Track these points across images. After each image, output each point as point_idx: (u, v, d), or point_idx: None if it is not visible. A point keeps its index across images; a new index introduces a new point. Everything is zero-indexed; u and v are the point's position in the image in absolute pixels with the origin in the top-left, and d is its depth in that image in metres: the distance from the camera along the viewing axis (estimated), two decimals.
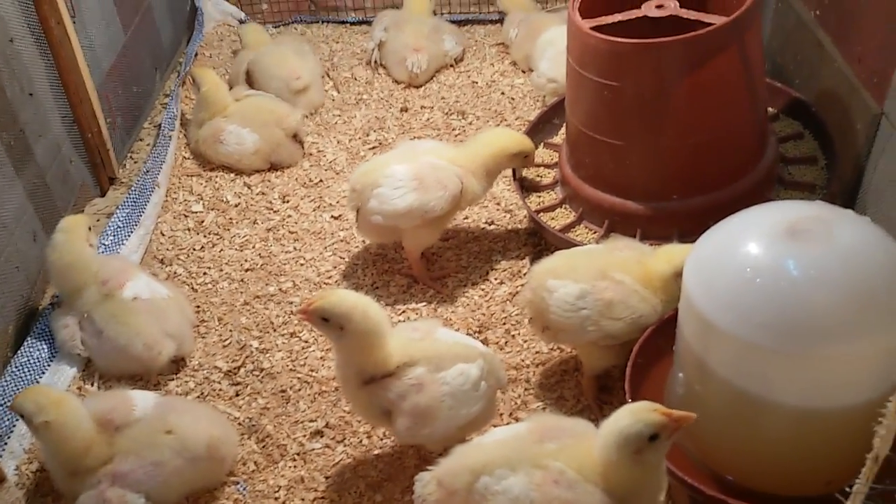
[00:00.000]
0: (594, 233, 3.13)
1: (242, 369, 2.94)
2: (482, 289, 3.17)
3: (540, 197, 3.35)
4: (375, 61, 4.55)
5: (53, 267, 2.92)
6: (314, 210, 3.65)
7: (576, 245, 2.91)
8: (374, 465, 2.60)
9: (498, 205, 3.55)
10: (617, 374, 2.71)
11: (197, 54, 4.66)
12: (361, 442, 2.67)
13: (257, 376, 2.91)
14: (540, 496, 1.94)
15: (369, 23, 4.86)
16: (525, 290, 2.66)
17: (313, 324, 2.30)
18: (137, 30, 4.24)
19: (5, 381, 2.78)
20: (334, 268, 3.34)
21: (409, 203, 2.98)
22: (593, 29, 2.88)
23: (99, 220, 3.56)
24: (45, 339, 2.96)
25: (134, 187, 3.59)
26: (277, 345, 3.03)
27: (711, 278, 2.09)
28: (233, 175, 3.88)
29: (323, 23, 5.08)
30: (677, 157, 2.91)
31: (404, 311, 3.11)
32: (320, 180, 3.82)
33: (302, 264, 3.37)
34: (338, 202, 3.66)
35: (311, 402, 2.81)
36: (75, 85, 3.50)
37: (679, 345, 2.28)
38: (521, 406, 2.73)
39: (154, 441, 2.40)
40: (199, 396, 2.86)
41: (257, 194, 3.76)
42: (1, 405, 2.70)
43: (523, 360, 2.87)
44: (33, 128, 3.21)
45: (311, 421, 2.74)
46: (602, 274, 2.51)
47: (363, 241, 3.42)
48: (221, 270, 3.37)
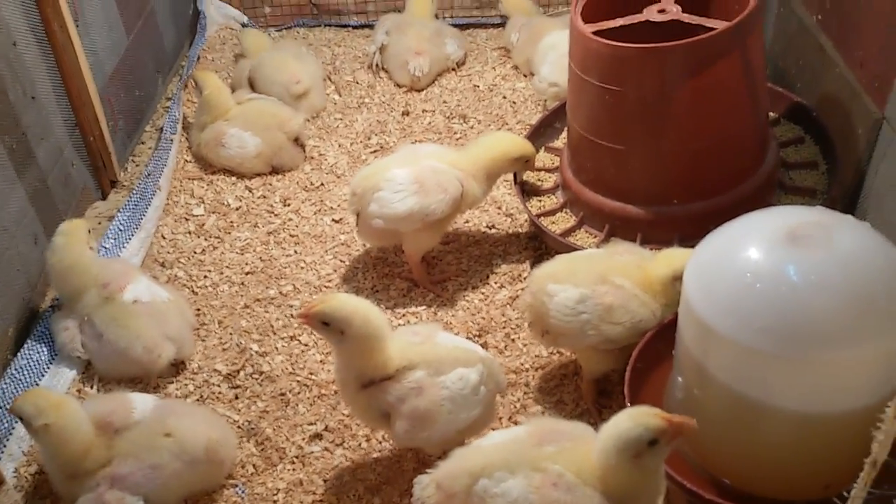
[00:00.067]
0: (595, 237, 3.13)
1: (242, 372, 2.94)
2: (482, 292, 3.17)
3: (541, 201, 3.35)
4: (377, 65, 4.56)
5: (54, 270, 2.92)
6: (315, 213, 3.65)
7: (576, 249, 2.91)
8: (373, 468, 2.60)
9: (499, 209, 3.55)
10: (616, 378, 2.71)
11: (199, 58, 4.67)
12: (360, 445, 2.67)
13: (257, 379, 2.91)
14: (539, 499, 1.94)
15: (371, 26, 4.87)
16: (525, 295, 2.66)
17: (314, 327, 2.30)
18: (140, 33, 4.25)
19: (5, 384, 2.78)
20: (335, 271, 3.34)
21: (410, 206, 2.98)
22: (595, 33, 2.88)
23: (100, 223, 3.57)
24: (45, 341, 2.96)
25: (135, 190, 3.59)
26: (277, 348, 3.03)
27: (711, 283, 2.09)
28: (234, 178, 3.88)
29: (325, 26, 5.09)
30: (678, 161, 2.91)
31: (404, 315, 3.11)
32: (321, 184, 3.82)
33: (302, 268, 3.37)
34: (339, 206, 3.66)
35: (311, 405, 2.81)
36: (78, 88, 3.50)
37: (678, 349, 2.28)
38: (520, 410, 2.73)
39: (153, 444, 2.40)
40: (198, 399, 2.86)
41: (258, 198, 3.77)
42: (0, 407, 2.70)
43: (523, 364, 2.87)
44: (35, 131, 3.22)
45: (310, 424, 2.74)
46: (602, 278, 2.51)
47: (364, 245, 3.42)
48: (222, 274, 3.37)
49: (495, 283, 3.21)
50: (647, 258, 2.59)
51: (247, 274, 3.36)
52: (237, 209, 3.71)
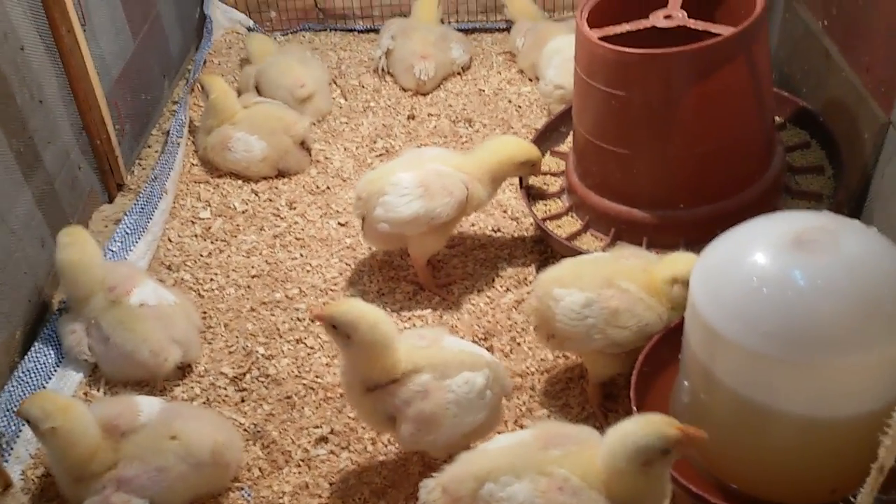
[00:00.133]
0: (601, 241, 3.13)
1: (248, 375, 2.95)
2: (488, 296, 3.17)
3: (546, 205, 3.35)
4: (383, 69, 4.57)
5: (63, 272, 2.93)
6: (321, 217, 3.66)
7: (582, 253, 2.91)
8: (379, 471, 2.60)
9: (504, 212, 3.55)
10: (622, 381, 2.70)
11: (205, 62, 4.68)
12: (366, 448, 2.67)
13: (263, 382, 2.92)
14: (544, 503, 1.94)
15: (377, 31, 4.87)
16: (531, 299, 2.66)
17: (325, 329, 2.32)
18: (146, 37, 4.26)
19: (12, 386, 2.79)
20: (340, 274, 3.35)
21: (415, 210, 2.98)
22: (601, 39, 2.88)
23: (107, 226, 3.58)
24: (52, 344, 2.97)
25: (142, 194, 3.60)
26: (283, 351, 3.03)
27: (718, 287, 2.09)
28: (240, 182, 3.89)
29: (331, 31, 5.09)
30: (684, 166, 2.91)
31: (410, 318, 3.11)
32: (327, 187, 3.83)
33: (308, 271, 3.38)
34: (344, 209, 3.67)
35: (316, 408, 2.81)
36: (85, 92, 3.51)
37: (685, 353, 2.28)
38: (525, 413, 2.73)
39: (159, 447, 2.40)
40: (204, 402, 2.86)
41: (264, 201, 3.78)
42: (8, 410, 2.71)
43: (528, 368, 2.87)
44: (42, 135, 3.23)
45: (316, 427, 2.75)
46: (608, 282, 2.51)
47: (369, 248, 3.43)
48: (228, 277, 3.38)
49: (501, 286, 3.21)
50: (652, 262, 2.58)
51: (253, 277, 3.37)
52: (243, 213, 3.71)
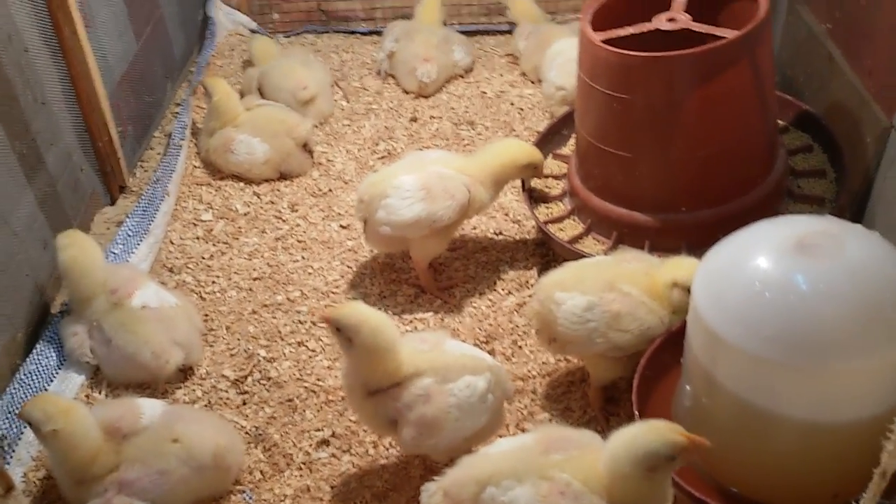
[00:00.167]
0: (602, 244, 3.13)
1: (249, 378, 2.95)
2: (489, 299, 3.17)
3: (548, 208, 3.35)
4: (385, 71, 4.57)
5: (66, 275, 2.93)
6: (323, 219, 3.66)
7: (584, 256, 2.91)
8: (380, 475, 2.60)
9: (506, 215, 3.55)
10: (624, 385, 2.70)
11: (209, 64, 4.68)
12: (367, 452, 2.67)
13: (264, 385, 2.92)
14: None
15: (379, 33, 4.87)
16: (532, 302, 2.66)
17: (330, 330, 2.32)
18: (149, 39, 4.26)
19: (14, 389, 2.79)
20: (342, 277, 3.35)
21: (417, 213, 2.98)
22: (605, 42, 2.88)
23: (109, 228, 3.58)
24: (54, 346, 2.97)
25: (144, 196, 3.60)
26: (285, 354, 3.03)
27: (720, 292, 2.09)
28: (242, 184, 3.89)
29: (333, 33, 5.09)
30: (687, 169, 2.91)
31: (412, 321, 3.11)
32: (329, 190, 3.83)
33: (310, 273, 3.38)
34: (346, 212, 3.67)
35: (318, 411, 2.81)
36: (87, 94, 3.51)
37: (687, 357, 2.28)
38: (527, 417, 2.72)
39: (160, 449, 2.41)
40: (206, 405, 2.86)
41: (266, 203, 3.78)
42: (10, 412, 2.71)
43: (530, 371, 2.87)
44: (45, 136, 3.23)
45: (318, 430, 2.74)
46: (610, 286, 2.50)
47: (371, 251, 3.43)
48: (230, 279, 3.38)
49: (502, 289, 3.21)
50: (654, 265, 2.58)
51: (254, 279, 3.37)
52: (245, 215, 3.72)
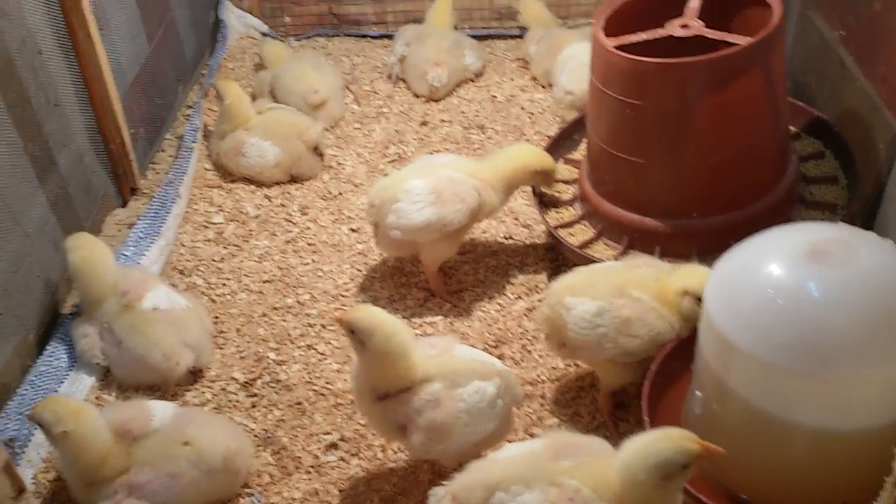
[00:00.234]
0: (613, 249, 3.12)
1: (259, 381, 2.95)
2: (499, 303, 3.17)
3: (559, 213, 3.35)
4: (396, 75, 4.58)
5: (77, 275, 2.95)
6: (333, 222, 3.66)
7: (594, 261, 2.90)
8: (389, 479, 2.60)
9: (516, 220, 3.55)
10: (633, 391, 2.69)
11: (220, 67, 4.70)
12: (376, 455, 2.67)
13: (274, 388, 2.92)
14: None
15: (390, 37, 4.88)
16: (542, 307, 2.65)
17: (345, 332, 2.33)
18: (161, 42, 4.28)
19: (25, 390, 2.80)
20: (352, 280, 3.35)
21: (428, 217, 2.98)
22: (617, 48, 2.87)
23: (120, 230, 3.59)
24: (64, 348, 2.98)
25: (155, 198, 3.61)
26: (294, 357, 3.04)
27: (732, 298, 2.08)
28: (253, 187, 3.90)
29: (344, 36, 5.11)
30: (698, 175, 2.90)
31: (421, 325, 3.11)
32: (339, 193, 3.83)
33: (320, 276, 3.38)
34: (356, 215, 3.67)
35: (327, 414, 2.82)
36: (100, 96, 3.53)
37: (698, 363, 2.27)
38: (536, 422, 2.72)
39: (171, 452, 2.41)
40: (215, 408, 2.87)
41: (277, 206, 3.79)
42: (20, 414, 2.71)
43: (539, 376, 2.86)
44: (58, 138, 3.25)
45: (326, 434, 2.75)
46: (620, 291, 2.50)
47: (381, 254, 3.43)
48: (240, 282, 3.38)
49: (512, 293, 3.21)
50: (665, 271, 2.58)
51: (265, 282, 3.37)
52: (256, 218, 3.72)
